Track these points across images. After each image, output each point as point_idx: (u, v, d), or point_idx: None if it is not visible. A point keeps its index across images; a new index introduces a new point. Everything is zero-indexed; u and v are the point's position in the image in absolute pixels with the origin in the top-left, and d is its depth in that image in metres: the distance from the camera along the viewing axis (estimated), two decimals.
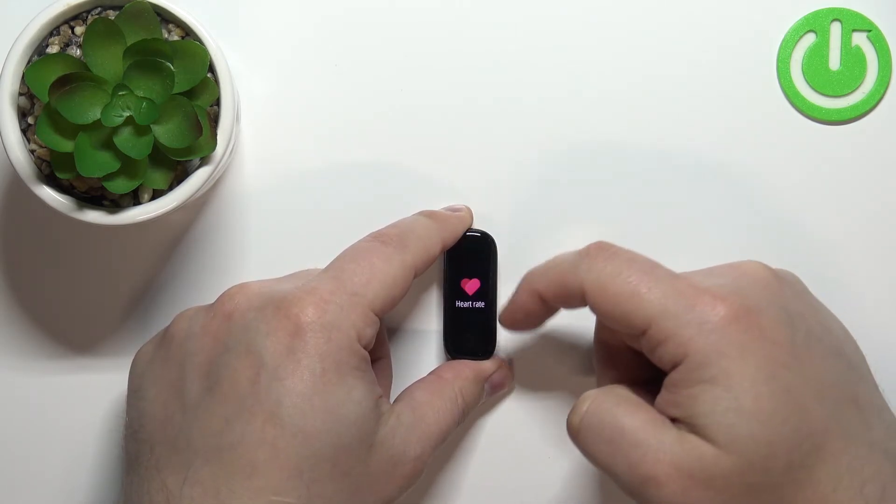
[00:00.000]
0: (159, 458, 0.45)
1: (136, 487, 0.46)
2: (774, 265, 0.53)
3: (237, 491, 0.44)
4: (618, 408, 0.45)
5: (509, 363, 0.54)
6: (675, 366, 0.44)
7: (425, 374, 0.52)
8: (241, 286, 0.47)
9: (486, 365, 0.52)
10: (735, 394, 0.43)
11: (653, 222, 0.54)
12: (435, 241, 0.50)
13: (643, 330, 0.44)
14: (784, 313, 0.45)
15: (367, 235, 0.49)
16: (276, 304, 0.45)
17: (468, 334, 0.53)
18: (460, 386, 0.51)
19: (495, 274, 0.53)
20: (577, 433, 0.46)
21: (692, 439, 0.43)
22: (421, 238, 0.49)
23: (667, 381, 0.44)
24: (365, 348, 0.46)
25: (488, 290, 0.53)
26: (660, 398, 0.45)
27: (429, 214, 0.51)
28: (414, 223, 0.50)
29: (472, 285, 0.53)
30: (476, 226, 0.54)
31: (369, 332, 0.46)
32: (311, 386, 0.44)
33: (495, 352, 0.53)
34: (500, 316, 0.51)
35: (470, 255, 0.53)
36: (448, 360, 0.54)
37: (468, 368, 0.52)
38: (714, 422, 0.43)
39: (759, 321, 0.44)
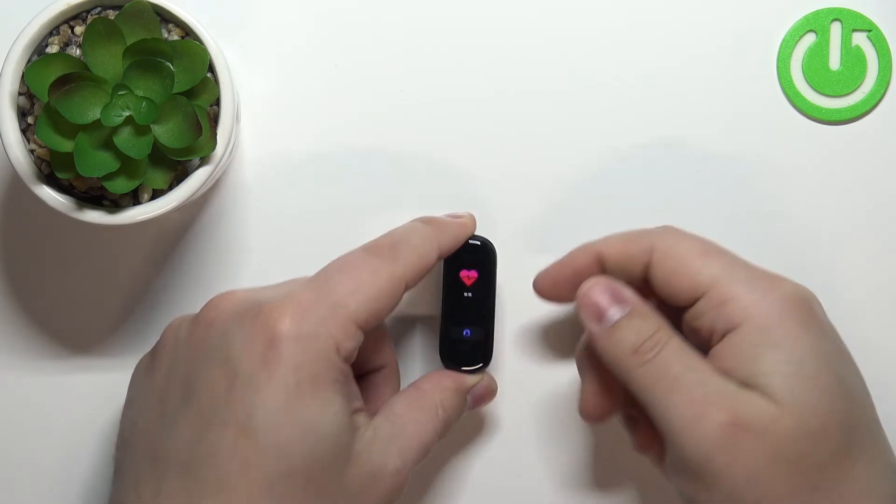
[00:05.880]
0: (139, 468, 0.45)
1: (116, 497, 0.46)
2: (774, 264, 0.53)
3: None
4: (686, 353, 0.45)
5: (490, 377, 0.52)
6: (728, 330, 0.45)
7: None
8: (227, 294, 0.46)
9: (468, 377, 0.51)
10: (799, 361, 0.44)
11: (652, 222, 0.54)
12: (430, 250, 0.48)
13: (703, 291, 0.46)
14: (830, 324, 0.47)
15: (359, 247, 0.47)
16: (254, 312, 0.44)
17: (465, 346, 0.51)
18: (441, 398, 0.49)
19: (494, 282, 0.51)
20: (635, 367, 0.45)
21: (753, 394, 0.44)
22: (415, 248, 0.47)
23: (717, 349, 0.45)
24: (346, 361, 0.45)
25: (487, 299, 0.51)
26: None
27: (426, 220, 0.49)
28: (409, 232, 0.48)
29: (469, 296, 0.51)
30: (481, 225, 0.53)
31: (350, 345, 0.45)
32: (285, 398, 0.43)
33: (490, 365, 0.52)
34: (538, 278, 0.50)
35: (468, 264, 0.51)
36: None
37: (449, 379, 0.50)
38: (776, 382, 0.44)
39: (817, 313, 0.46)
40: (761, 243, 0.54)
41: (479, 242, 0.51)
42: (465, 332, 0.51)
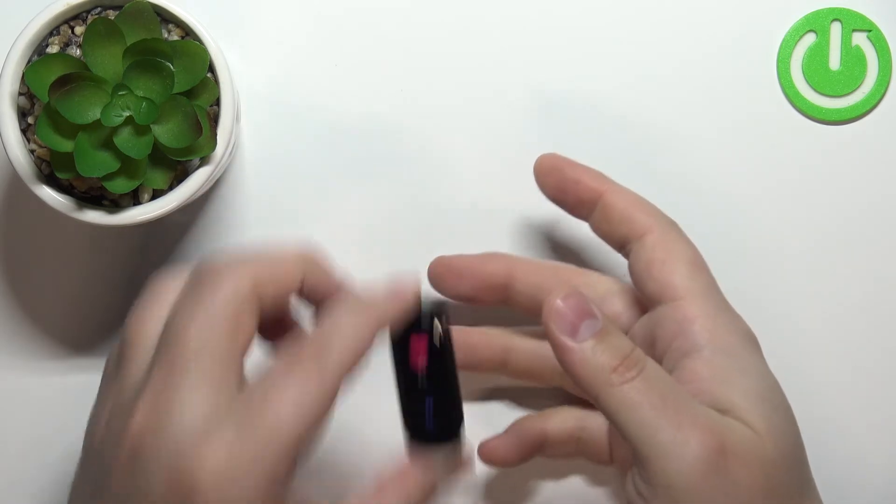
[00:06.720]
0: None
1: None
2: (774, 263, 0.53)
3: None
4: (665, 375, 0.44)
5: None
6: (690, 350, 0.45)
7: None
8: (153, 411, 0.40)
9: (438, 468, 0.44)
10: (766, 389, 0.44)
11: None
12: (365, 335, 0.42)
13: (674, 298, 0.46)
14: None
15: (283, 353, 0.41)
16: (172, 462, 0.39)
17: (429, 419, 0.45)
18: None
19: (450, 345, 0.45)
20: (612, 386, 0.43)
21: (733, 420, 0.43)
22: (346, 337, 0.41)
23: (683, 368, 0.45)
24: (287, 483, 0.40)
25: (444, 366, 0.45)
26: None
27: (360, 298, 0.43)
28: (339, 316, 0.42)
29: (423, 363, 0.44)
30: (484, 226, 0.53)
31: (288, 472, 0.40)
32: None
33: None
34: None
35: (417, 331, 0.44)
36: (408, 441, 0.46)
37: (412, 478, 0.44)
38: (753, 408, 0.43)
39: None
40: (760, 243, 0.54)
41: (425, 310, 0.44)
42: (427, 405, 0.45)
